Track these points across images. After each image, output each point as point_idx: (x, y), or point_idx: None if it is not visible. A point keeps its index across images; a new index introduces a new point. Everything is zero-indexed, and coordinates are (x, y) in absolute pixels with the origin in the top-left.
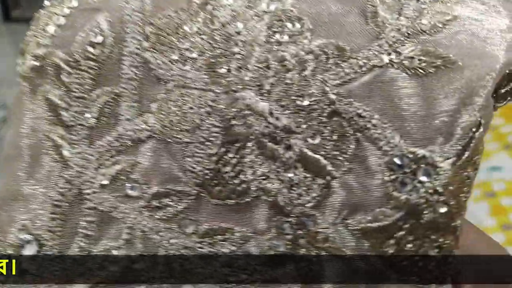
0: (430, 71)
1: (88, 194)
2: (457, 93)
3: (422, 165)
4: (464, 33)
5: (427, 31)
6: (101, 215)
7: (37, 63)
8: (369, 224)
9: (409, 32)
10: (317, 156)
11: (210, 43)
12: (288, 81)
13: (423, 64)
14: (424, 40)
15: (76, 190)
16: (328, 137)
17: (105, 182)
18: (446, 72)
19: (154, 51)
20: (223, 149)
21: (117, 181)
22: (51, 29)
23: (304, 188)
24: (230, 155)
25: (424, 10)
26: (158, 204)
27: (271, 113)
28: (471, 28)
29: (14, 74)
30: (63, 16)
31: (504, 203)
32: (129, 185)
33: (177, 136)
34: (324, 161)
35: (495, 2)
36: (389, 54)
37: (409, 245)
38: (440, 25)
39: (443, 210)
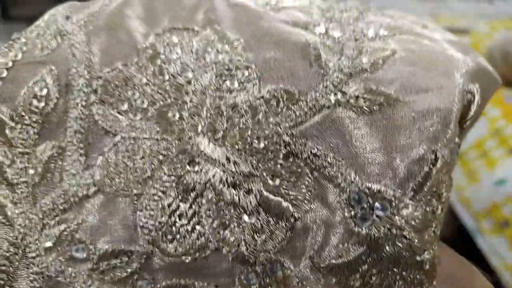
0: (375, 108)
1: (33, 257)
2: (404, 129)
3: (378, 200)
4: (405, 65)
5: (368, 69)
6: (47, 281)
7: None
8: (333, 261)
9: (351, 72)
10: (278, 198)
11: (160, 93)
12: (241, 126)
13: (367, 103)
14: (366, 78)
15: (21, 253)
16: (286, 178)
17: (49, 244)
18: (389, 109)
19: (102, 103)
20: (177, 200)
21: (62, 243)
22: None
23: (268, 233)
24: (186, 205)
25: (364, 48)
26: (107, 267)
27: (227, 158)
28: (411, 60)
29: None
30: (6, 69)
31: None
32: (75, 247)
33: (126, 189)
34: (285, 203)
35: (433, 34)
36: (335, 94)
37: (374, 278)
38: (380, 62)
39: (401, 244)
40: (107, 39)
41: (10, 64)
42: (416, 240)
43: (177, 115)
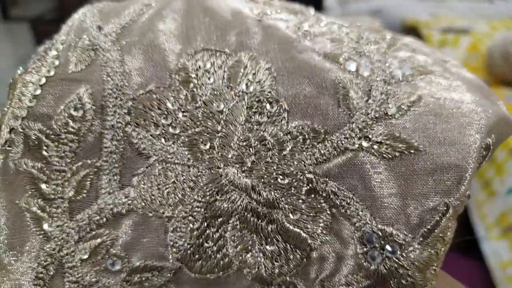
0: (396, 155)
1: (70, 268)
2: (421, 179)
3: (390, 242)
4: (428, 114)
5: (393, 115)
6: None
7: (13, 136)
8: (342, 287)
9: (377, 115)
10: (298, 230)
11: (192, 120)
12: (268, 160)
13: (389, 149)
14: (391, 123)
15: (57, 263)
16: (306, 213)
17: (85, 256)
18: (410, 157)
19: (136, 125)
20: (205, 224)
21: (97, 255)
22: (27, 99)
23: (285, 259)
24: (213, 229)
25: (390, 91)
26: (138, 279)
27: (253, 189)
28: (435, 108)
29: (12, 74)
30: (40, 85)
31: None
32: (110, 261)
33: (159, 210)
34: (304, 235)
35: (454, 76)
36: (360, 138)
37: None
38: (405, 108)
39: (405, 282)
40: (141, 58)
41: (43, 80)
42: (419, 279)
43: (208, 144)
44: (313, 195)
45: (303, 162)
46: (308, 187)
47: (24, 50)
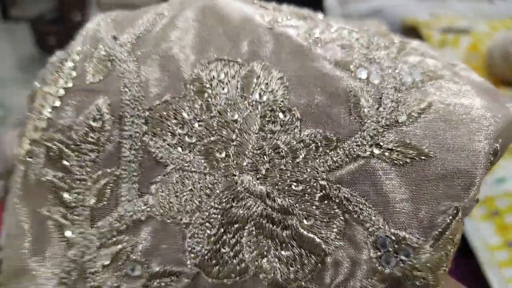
0: (407, 161)
1: (92, 273)
2: (432, 184)
3: (403, 246)
4: (438, 121)
5: (404, 122)
6: None
7: (34, 147)
8: None
9: (387, 123)
10: (312, 235)
11: (207, 129)
12: (282, 167)
13: (400, 156)
14: (401, 130)
15: (80, 269)
16: (320, 219)
17: (107, 262)
18: (420, 163)
19: (153, 135)
20: (222, 230)
21: (118, 261)
22: (46, 111)
23: (300, 264)
24: (229, 235)
25: (401, 98)
26: (158, 285)
27: (268, 196)
28: (445, 115)
29: (12, 74)
30: (58, 97)
31: (509, 221)
32: (131, 266)
33: (177, 217)
34: (318, 240)
35: (464, 81)
36: (371, 146)
37: None
38: (416, 115)
39: (419, 283)
40: (156, 69)
41: (62, 92)
42: (431, 280)
43: (224, 153)
44: (326, 201)
45: (316, 169)
46: (321, 193)
47: (24, 50)
